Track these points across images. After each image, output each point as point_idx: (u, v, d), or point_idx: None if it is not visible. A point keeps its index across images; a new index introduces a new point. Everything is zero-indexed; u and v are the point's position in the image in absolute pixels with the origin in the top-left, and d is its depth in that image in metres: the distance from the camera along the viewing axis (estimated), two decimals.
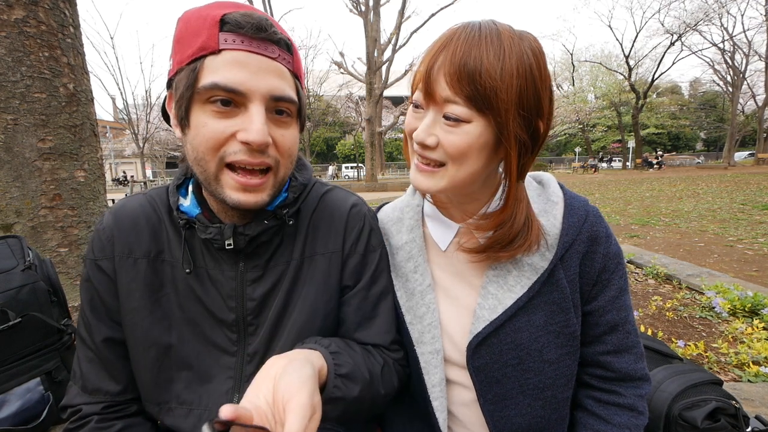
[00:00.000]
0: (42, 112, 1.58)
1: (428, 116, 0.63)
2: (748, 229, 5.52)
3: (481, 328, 0.70)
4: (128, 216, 0.72)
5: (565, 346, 0.70)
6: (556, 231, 0.69)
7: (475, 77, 0.57)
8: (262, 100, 0.59)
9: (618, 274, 0.71)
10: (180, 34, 0.60)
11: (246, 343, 0.71)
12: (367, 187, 16.80)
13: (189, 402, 0.69)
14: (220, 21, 0.57)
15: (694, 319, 2.53)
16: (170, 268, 0.71)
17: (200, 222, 0.67)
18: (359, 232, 0.78)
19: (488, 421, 0.72)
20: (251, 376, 0.69)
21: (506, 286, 0.70)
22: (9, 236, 1.22)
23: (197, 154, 0.60)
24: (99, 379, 0.71)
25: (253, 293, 0.71)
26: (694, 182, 14.39)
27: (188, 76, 0.58)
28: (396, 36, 18.61)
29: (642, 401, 0.72)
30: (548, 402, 0.72)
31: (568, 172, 33.23)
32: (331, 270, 0.75)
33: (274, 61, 0.60)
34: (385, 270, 0.81)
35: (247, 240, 0.67)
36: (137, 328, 0.69)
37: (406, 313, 0.78)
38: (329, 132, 42.14)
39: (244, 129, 0.58)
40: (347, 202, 0.80)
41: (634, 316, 0.74)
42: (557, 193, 0.73)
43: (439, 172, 0.66)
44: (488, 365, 0.70)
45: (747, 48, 27.22)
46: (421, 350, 0.76)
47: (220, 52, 0.57)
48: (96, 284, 0.71)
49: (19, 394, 1.12)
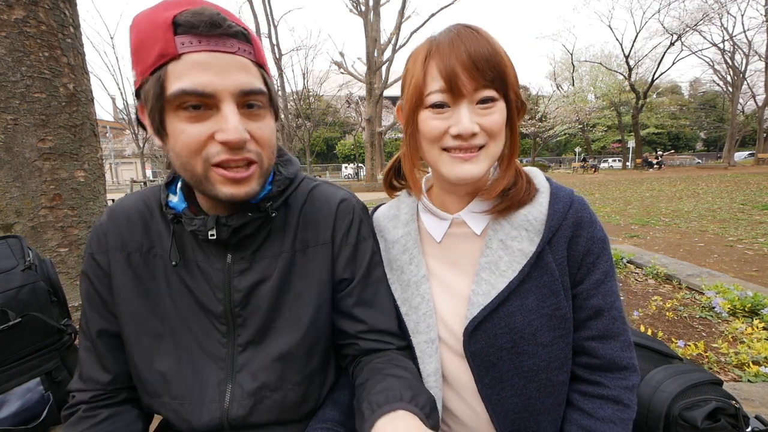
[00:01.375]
0: (42, 112, 1.59)
1: (463, 109, 0.68)
2: (748, 229, 5.53)
3: (476, 312, 0.73)
4: (123, 212, 0.76)
5: (558, 328, 0.73)
6: (542, 216, 0.73)
7: (492, 62, 0.66)
8: (232, 97, 0.59)
9: (603, 259, 0.74)
10: (136, 43, 0.59)
11: (236, 334, 0.73)
12: (367, 187, 16.81)
13: (181, 395, 0.71)
14: (173, 23, 0.56)
15: (694, 319, 2.53)
16: (162, 262, 0.73)
17: (186, 215, 0.69)
18: (349, 223, 0.80)
19: (487, 405, 0.75)
20: (244, 367, 0.72)
21: (498, 272, 0.73)
22: (9, 236, 1.22)
23: (181, 160, 0.61)
24: (92, 368, 0.74)
25: (239, 284, 0.72)
26: (694, 182, 14.40)
27: (155, 87, 0.57)
28: (396, 36, 18.62)
29: (628, 393, 0.73)
30: (543, 384, 0.74)
31: (568, 172, 33.23)
32: (323, 262, 0.77)
33: (234, 55, 0.60)
34: (379, 261, 0.84)
35: (230, 231, 0.68)
36: (130, 320, 0.72)
37: (402, 304, 0.81)
38: (329, 132, 42.14)
39: (221, 129, 0.59)
40: (336, 195, 0.82)
41: (621, 304, 0.75)
42: (543, 183, 0.78)
43: (481, 154, 0.71)
44: (484, 350, 0.73)
45: (747, 48, 27.25)
46: (416, 340, 0.79)
47: (180, 57, 0.56)
48: (92, 276, 0.74)
49: (19, 394, 1.12)
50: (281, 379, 0.72)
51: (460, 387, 0.79)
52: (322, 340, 0.78)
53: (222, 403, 0.70)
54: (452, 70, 0.66)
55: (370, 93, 18.46)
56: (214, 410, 0.70)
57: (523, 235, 0.73)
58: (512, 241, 0.74)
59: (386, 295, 0.82)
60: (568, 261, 0.73)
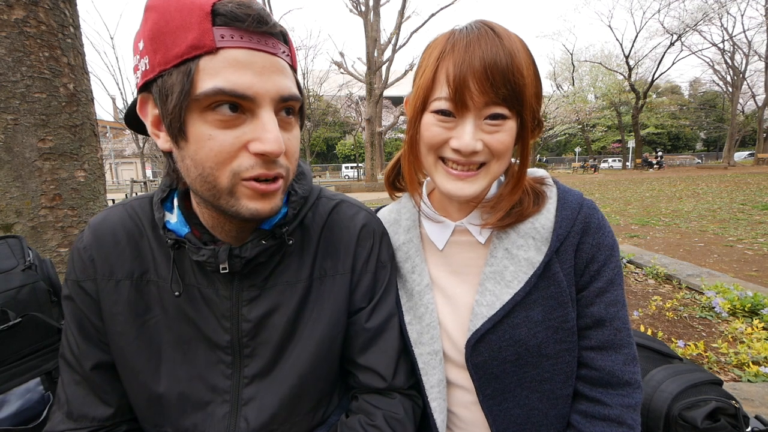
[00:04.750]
0: (42, 112, 1.58)
1: (468, 123, 0.62)
2: (748, 229, 5.53)
3: (480, 324, 0.69)
4: (108, 233, 0.66)
5: (564, 341, 0.69)
6: (550, 224, 0.70)
7: (508, 78, 0.59)
8: (272, 103, 0.53)
9: (608, 267, 0.69)
10: (157, 26, 0.50)
11: (242, 365, 0.66)
12: (367, 187, 16.79)
13: (184, 429, 0.65)
14: (212, 12, 0.49)
15: (693, 319, 2.53)
16: (156, 289, 0.65)
17: (191, 242, 0.61)
18: (369, 250, 0.74)
19: (487, 415, 0.72)
20: (250, 400, 0.65)
21: (503, 282, 0.70)
22: (9, 236, 1.22)
23: (203, 170, 0.53)
24: (86, 404, 0.65)
25: (248, 314, 0.65)
26: (693, 182, 14.39)
27: (182, 82, 0.49)
28: (396, 36, 18.60)
29: (631, 413, 0.68)
30: (545, 395, 0.71)
31: (568, 172, 33.22)
32: (341, 292, 0.71)
33: (276, 57, 0.53)
34: (394, 285, 0.79)
35: (243, 263, 0.62)
36: (124, 352, 0.65)
37: (406, 313, 0.78)
38: (329, 132, 42.10)
39: (258, 139, 0.52)
40: (357, 219, 0.75)
41: (626, 314, 0.71)
42: (550, 187, 0.74)
43: (480, 173, 0.67)
44: (487, 362, 0.70)
45: (747, 48, 27.25)
46: (419, 351, 0.75)
47: (217, 51, 0.49)
48: (82, 306, 0.66)
49: (19, 394, 1.12)
50: (290, 412, 0.67)
51: (462, 393, 0.77)
52: (334, 367, 0.73)
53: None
54: (462, 79, 0.60)
55: (370, 93, 18.44)
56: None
57: (530, 243, 0.69)
58: (518, 250, 0.70)
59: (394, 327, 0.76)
60: (575, 269, 0.70)
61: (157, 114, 0.55)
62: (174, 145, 0.55)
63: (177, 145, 0.54)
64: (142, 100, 0.57)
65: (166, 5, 0.50)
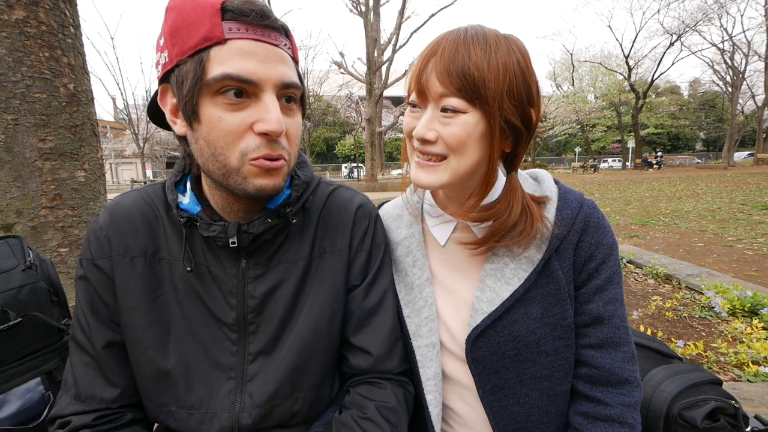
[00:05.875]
0: (42, 112, 1.59)
1: (427, 113, 0.66)
2: (748, 229, 5.53)
3: (480, 320, 0.71)
4: (124, 213, 0.71)
5: (562, 338, 0.71)
6: (550, 224, 0.71)
7: (464, 69, 0.61)
8: (274, 88, 0.59)
9: (607, 265, 0.71)
10: (175, 24, 0.57)
11: (247, 342, 0.70)
12: (367, 187, 16.79)
13: (189, 405, 0.68)
14: (221, 9, 0.56)
15: (693, 319, 2.53)
16: (168, 267, 0.70)
17: (202, 220, 0.66)
18: (365, 229, 0.79)
19: (488, 411, 0.73)
20: (254, 376, 0.69)
21: (503, 279, 0.72)
22: (9, 236, 1.22)
23: (215, 149, 0.59)
24: (94, 384, 0.68)
25: (254, 291, 0.70)
26: (693, 182, 14.40)
27: (195, 69, 0.56)
28: (396, 36, 18.60)
29: (631, 412, 0.69)
30: (545, 393, 0.72)
31: (568, 172, 33.22)
32: (338, 269, 0.75)
33: (277, 48, 0.60)
34: (388, 267, 0.82)
35: (250, 238, 0.66)
36: (135, 328, 0.68)
37: (405, 306, 0.79)
38: (329, 132, 42.12)
39: (261, 119, 0.58)
40: (354, 200, 0.81)
41: (625, 313, 0.72)
42: (551, 188, 0.75)
43: (441, 166, 0.68)
44: (486, 357, 0.72)
45: (746, 48, 27.28)
46: (417, 343, 0.77)
47: (225, 42, 0.56)
48: (96, 285, 0.69)
49: (19, 394, 1.12)
50: (293, 388, 0.70)
51: (461, 389, 0.78)
52: (335, 345, 0.76)
53: (232, 412, 0.68)
54: (423, 71, 0.64)
55: (370, 93, 18.44)
56: (224, 420, 0.67)
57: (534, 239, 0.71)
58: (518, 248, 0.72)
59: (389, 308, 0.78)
60: (573, 267, 0.71)
61: (175, 103, 0.62)
62: (189, 128, 0.61)
63: (191, 128, 0.61)
64: (162, 91, 0.63)
65: (183, 4, 0.57)
